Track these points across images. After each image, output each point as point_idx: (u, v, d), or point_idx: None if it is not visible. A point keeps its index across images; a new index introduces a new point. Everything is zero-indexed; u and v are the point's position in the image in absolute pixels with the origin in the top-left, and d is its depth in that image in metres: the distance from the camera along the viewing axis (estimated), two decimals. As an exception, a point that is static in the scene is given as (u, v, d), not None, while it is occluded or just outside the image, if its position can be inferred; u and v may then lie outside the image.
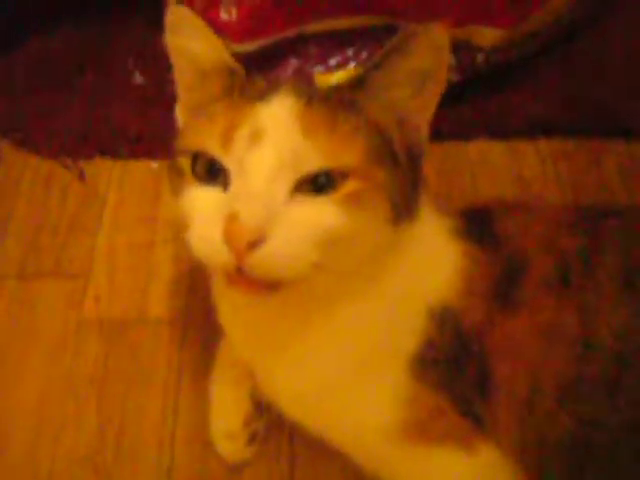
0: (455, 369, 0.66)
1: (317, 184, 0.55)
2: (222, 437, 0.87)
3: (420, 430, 0.66)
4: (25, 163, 1.16)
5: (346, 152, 0.55)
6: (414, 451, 0.67)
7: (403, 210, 0.60)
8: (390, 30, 1.09)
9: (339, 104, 0.58)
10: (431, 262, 0.67)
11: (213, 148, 0.57)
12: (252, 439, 0.87)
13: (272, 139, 0.55)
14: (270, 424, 0.88)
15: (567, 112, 1.16)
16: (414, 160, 0.62)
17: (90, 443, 0.91)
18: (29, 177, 1.14)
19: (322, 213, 0.55)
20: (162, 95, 1.16)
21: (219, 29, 0.64)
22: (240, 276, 0.54)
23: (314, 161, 0.54)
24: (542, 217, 0.74)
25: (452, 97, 0.61)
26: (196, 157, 0.58)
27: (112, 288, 1.04)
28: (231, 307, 0.72)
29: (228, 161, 0.56)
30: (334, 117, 0.56)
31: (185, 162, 0.59)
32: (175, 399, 0.93)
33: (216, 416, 0.88)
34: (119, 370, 0.96)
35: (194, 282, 1.01)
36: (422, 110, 0.61)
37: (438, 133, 0.63)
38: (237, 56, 0.65)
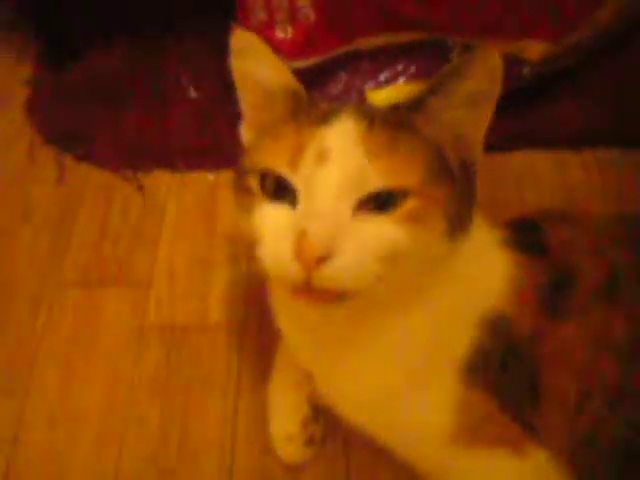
0: (506, 375, 0.67)
1: (379, 202, 0.57)
2: (281, 439, 0.89)
3: (472, 434, 0.68)
4: (87, 176, 1.19)
5: (406, 173, 0.57)
6: (466, 454, 0.69)
7: (458, 224, 0.61)
8: (438, 45, 1.11)
9: (399, 126, 0.60)
10: (482, 272, 0.69)
11: (281, 167, 0.59)
12: (310, 441, 0.89)
13: (337, 160, 0.57)
14: (327, 427, 0.90)
15: (611, 122, 1.17)
16: (468, 174, 0.64)
17: (154, 445, 0.93)
18: (91, 189, 1.17)
19: (384, 230, 0.57)
20: (216, 109, 1.16)
21: (275, 47, 0.66)
22: (308, 289, 0.56)
23: (376, 181, 0.56)
24: (589, 227, 0.75)
25: (497, 108, 0.63)
26: (264, 175, 0.61)
27: (172, 295, 1.06)
28: (291, 315, 0.74)
29: (296, 180, 0.58)
30: (394, 139, 0.58)
31: (254, 180, 0.61)
32: (235, 401, 0.95)
33: (275, 418, 0.91)
34: (180, 374, 0.99)
35: (251, 288, 1.03)
36: (477, 128, 0.63)
37: (486, 145, 0.66)
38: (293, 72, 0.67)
